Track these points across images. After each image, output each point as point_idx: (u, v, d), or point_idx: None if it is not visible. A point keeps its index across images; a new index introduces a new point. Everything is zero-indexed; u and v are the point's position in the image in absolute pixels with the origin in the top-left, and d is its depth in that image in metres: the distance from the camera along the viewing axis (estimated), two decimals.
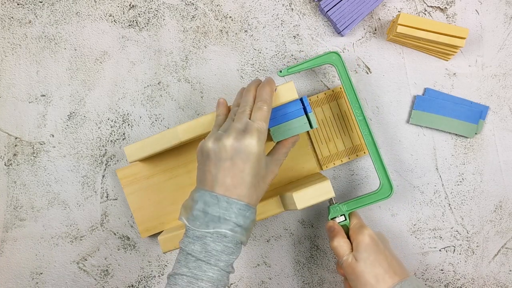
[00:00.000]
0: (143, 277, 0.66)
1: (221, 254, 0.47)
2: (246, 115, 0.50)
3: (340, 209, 0.60)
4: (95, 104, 0.66)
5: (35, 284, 0.66)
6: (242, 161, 0.48)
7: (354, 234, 0.57)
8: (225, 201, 0.47)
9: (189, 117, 0.67)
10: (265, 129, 0.49)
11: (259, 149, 0.48)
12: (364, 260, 0.54)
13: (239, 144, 0.47)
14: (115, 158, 0.66)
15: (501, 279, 0.67)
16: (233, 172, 0.47)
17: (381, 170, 0.60)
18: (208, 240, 0.47)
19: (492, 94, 0.67)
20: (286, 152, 0.55)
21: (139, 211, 0.64)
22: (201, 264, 0.47)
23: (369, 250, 0.54)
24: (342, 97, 0.65)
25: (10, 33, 0.66)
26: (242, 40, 0.67)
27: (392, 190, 0.60)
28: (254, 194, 0.49)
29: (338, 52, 0.61)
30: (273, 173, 0.53)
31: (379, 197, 0.60)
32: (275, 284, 0.66)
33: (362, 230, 0.56)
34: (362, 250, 0.54)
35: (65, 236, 0.66)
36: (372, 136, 0.60)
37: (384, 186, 0.60)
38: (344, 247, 0.56)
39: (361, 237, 0.55)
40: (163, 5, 0.67)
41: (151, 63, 0.67)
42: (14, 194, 0.66)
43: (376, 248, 0.55)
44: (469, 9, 0.67)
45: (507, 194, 0.67)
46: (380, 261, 0.54)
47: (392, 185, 0.60)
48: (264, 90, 0.52)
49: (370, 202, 0.60)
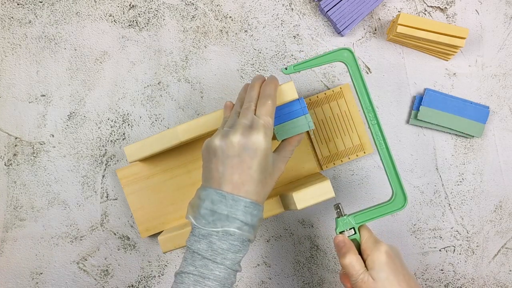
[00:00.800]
0: (143, 277, 0.66)
1: (227, 252, 0.47)
2: (251, 111, 0.49)
3: (349, 222, 0.55)
4: (95, 104, 0.66)
5: (35, 284, 0.66)
6: (249, 157, 0.47)
7: (369, 250, 0.53)
8: (232, 198, 0.47)
9: (189, 117, 0.67)
10: (271, 124, 0.49)
11: (266, 145, 0.48)
12: (382, 280, 0.50)
13: (247, 140, 0.47)
14: (115, 158, 0.66)
15: (501, 279, 0.67)
16: (240, 169, 0.47)
17: (395, 179, 0.55)
18: (214, 239, 0.47)
19: (492, 94, 0.67)
20: (292, 149, 0.55)
21: (139, 211, 0.64)
22: (207, 263, 0.46)
23: (387, 269, 0.51)
24: (342, 97, 0.65)
25: (10, 33, 0.66)
26: (242, 40, 0.67)
27: (406, 201, 0.54)
28: (262, 191, 0.49)
29: (351, 49, 0.55)
30: (279, 170, 0.52)
31: (392, 208, 0.55)
32: (275, 284, 0.66)
33: (378, 246, 0.52)
34: (380, 269, 0.51)
35: (65, 236, 0.66)
36: (386, 143, 0.55)
37: (397, 196, 0.55)
38: (357, 266, 0.52)
39: (378, 255, 0.52)
40: (163, 5, 0.67)
41: (151, 63, 0.67)
42: (14, 194, 0.66)
43: (394, 266, 0.51)
44: (469, 9, 0.67)
45: (507, 194, 0.67)
46: (399, 280, 0.51)
47: (405, 194, 0.54)
48: (269, 86, 0.51)
49: (382, 214, 0.55)
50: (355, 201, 0.66)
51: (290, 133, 0.56)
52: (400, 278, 0.51)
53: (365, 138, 0.65)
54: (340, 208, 0.55)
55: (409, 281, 0.52)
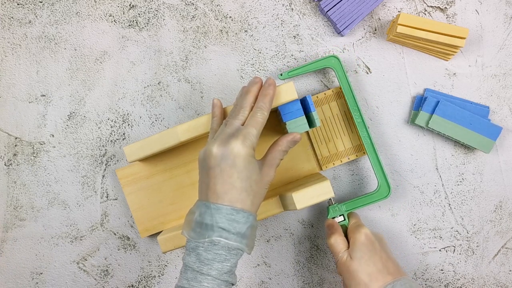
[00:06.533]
0: (143, 277, 0.66)
1: (212, 262, 0.46)
2: (238, 120, 0.49)
3: (339, 209, 0.61)
4: (95, 104, 0.66)
5: (35, 284, 0.66)
6: (228, 166, 0.47)
7: (351, 232, 0.57)
8: (214, 208, 0.47)
9: (189, 117, 0.67)
10: (254, 134, 0.48)
11: (245, 151, 0.47)
12: (358, 258, 0.54)
13: (224, 149, 0.47)
14: (115, 158, 0.66)
15: (501, 279, 0.67)
16: (222, 179, 0.47)
17: (379, 171, 0.61)
18: (201, 250, 0.47)
19: (492, 94, 0.67)
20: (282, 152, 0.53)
21: (138, 211, 0.64)
22: (196, 275, 0.47)
23: (364, 249, 0.55)
24: (342, 97, 0.65)
25: (10, 33, 0.66)
26: (242, 40, 0.67)
27: (389, 190, 0.61)
28: (248, 199, 0.48)
29: (338, 56, 0.62)
30: (268, 175, 0.51)
31: (378, 197, 0.62)
32: (275, 284, 0.66)
33: (359, 229, 0.57)
34: (357, 248, 0.55)
35: (65, 236, 0.66)
36: (370, 138, 0.62)
37: (382, 186, 0.61)
38: (341, 244, 0.57)
39: (357, 236, 0.56)
40: (163, 5, 0.67)
41: (151, 63, 0.67)
42: (14, 194, 0.66)
43: (371, 247, 0.55)
44: (469, 9, 0.67)
45: (507, 194, 0.67)
46: (374, 260, 0.54)
47: (389, 185, 0.61)
48: (266, 97, 0.51)
49: (369, 202, 0.61)
50: None
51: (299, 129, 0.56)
52: (376, 258, 0.54)
53: None
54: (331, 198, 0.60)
55: (386, 262, 0.54)
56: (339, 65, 0.62)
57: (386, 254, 0.56)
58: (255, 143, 0.49)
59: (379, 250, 0.55)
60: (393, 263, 0.55)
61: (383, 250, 0.56)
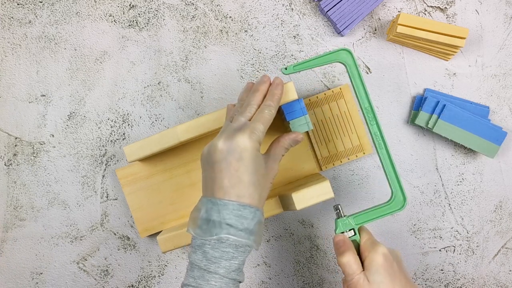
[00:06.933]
0: (143, 277, 0.66)
1: (220, 260, 0.46)
2: (244, 117, 0.49)
3: (349, 223, 0.54)
4: (95, 104, 0.66)
5: (35, 284, 0.66)
6: (235, 160, 0.46)
7: (366, 251, 0.52)
8: (222, 204, 0.46)
9: (189, 117, 0.67)
10: (261, 130, 0.48)
11: (251, 145, 0.46)
12: (378, 283, 0.49)
13: (230, 143, 0.46)
14: (115, 158, 0.66)
15: (501, 279, 0.67)
16: (229, 172, 0.46)
17: (394, 180, 0.55)
18: (207, 248, 0.46)
19: (492, 94, 0.67)
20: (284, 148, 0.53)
21: (138, 211, 0.64)
22: (203, 273, 0.46)
23: (384, 273, 0.50)
24: (342, 97, 0.65)
25: (10, 33, 0.66)
26: (242, 40, 0.67)
27: (405, 201, 0.55)
28: (255, 193, 0.47)
29: (349, 50, 0.55)
30: (273, 170, 0.51)
31: (392, 209, 0.55)
32: (275, 284, 0.66)
33: (376, 248, 0.51)
34: (376, 271, 0.50)
35: (65, 236, 0.66)
36: (386, 144, 0.55)
37: (396, 196, 0.55)
38: (354, 265, 0.50)
39: (374, 256, 0.50)
40: (163, 5, 0.67)
41: (151, 63, 0.67)
42: (14, 194, 0.66)
43: (391, 270, 0.50)
44: (469, 9, 0.67)
45: (507, 194, 0.67)
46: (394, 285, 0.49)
47: (405, 195, 0.55)
48: (274, 96, 0.50)
49: (382, 215, 0.55)
50: (355, 201, 0.66)
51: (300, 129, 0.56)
52: (396, 282, 0.49)
53: (365, 138, 0.65)
54: (340, 209, 0.55)
55: (405, 285, 0.50)
56: (351, 59, 0.55)
57: (404, 277, 0.51)
58: (262, 139, 0.48)
59: (398, 272, 0.51)
60: (412, 286, 0.52)
61: (401, 271, 0.52)
